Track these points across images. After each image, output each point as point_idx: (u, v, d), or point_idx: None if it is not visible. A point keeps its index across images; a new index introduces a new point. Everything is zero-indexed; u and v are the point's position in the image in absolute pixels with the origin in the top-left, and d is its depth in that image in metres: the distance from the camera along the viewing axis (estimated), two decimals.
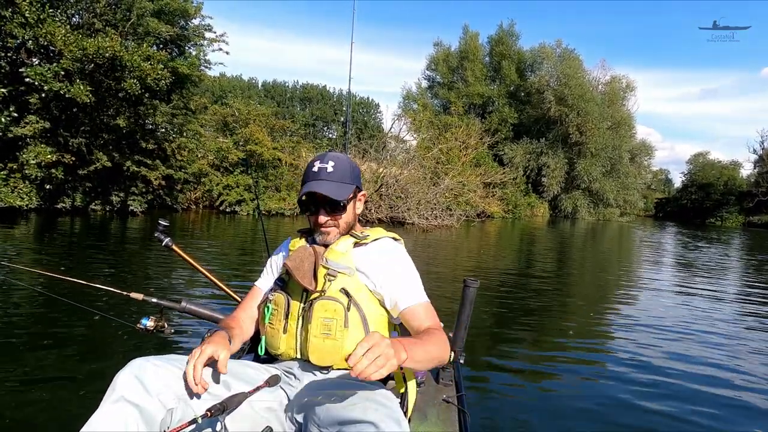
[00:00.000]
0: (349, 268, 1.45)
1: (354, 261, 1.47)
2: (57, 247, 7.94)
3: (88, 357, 3.22)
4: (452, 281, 6.97)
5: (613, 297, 7.06)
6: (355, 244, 1.50)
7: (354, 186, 1.51)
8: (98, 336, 3.60)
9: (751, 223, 40.87)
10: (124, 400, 1.15)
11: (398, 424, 1.14)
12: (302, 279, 1.42)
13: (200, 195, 17.35)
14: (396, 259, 1.51)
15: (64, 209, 12.64)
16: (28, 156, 10.81)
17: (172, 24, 13.59)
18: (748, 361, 4.23)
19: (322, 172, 1.47)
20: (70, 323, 3.79)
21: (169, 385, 1.21)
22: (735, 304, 6.83)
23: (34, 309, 4.08)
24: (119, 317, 2.28)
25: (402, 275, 1.48)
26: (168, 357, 1.29)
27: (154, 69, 11.34)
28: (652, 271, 10.21)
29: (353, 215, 1.54)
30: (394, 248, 1.54)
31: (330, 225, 1.48)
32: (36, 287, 3.72)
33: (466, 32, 39.20)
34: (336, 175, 1.47)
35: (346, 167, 1.50)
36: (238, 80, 61.42)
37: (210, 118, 18.96)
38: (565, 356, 4.06)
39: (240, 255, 8.63)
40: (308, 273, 1.44)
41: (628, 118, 36.45)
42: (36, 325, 3.71)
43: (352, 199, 1.52)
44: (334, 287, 1.43)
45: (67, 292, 3.65)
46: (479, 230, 18.76)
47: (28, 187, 11.16)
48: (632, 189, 37.66)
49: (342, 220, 1.49)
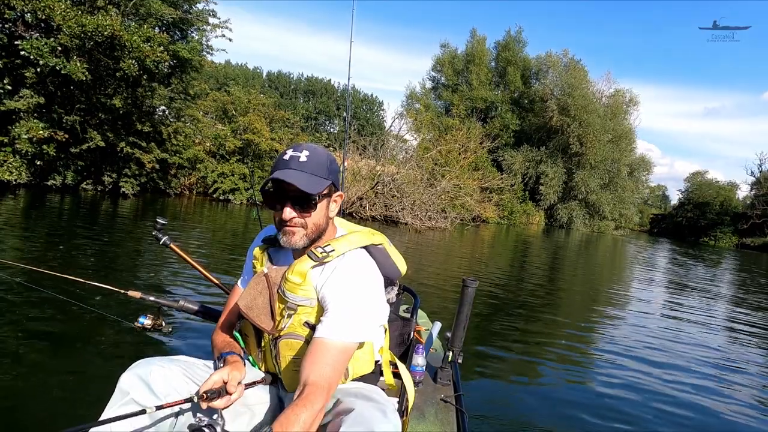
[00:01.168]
0: (310, 298, 1.30)
1: (314, 287, 1.30)
2: (44, 227, 7.78)
3: (86, 356, 3.16)
4: (444, 282, 6.92)
5: (606, 303, 7.24)
6: (314, 266, 1.30)
7: (329, 182, 1.31)
8: (96, 334, 3.52)
9: (744, 244, 41.01)
10: (133, 402, 1.15)
11: (387, 417, 1.14)
12: (257, 320, 1.32)
13: (194, 181, 17.23)
14: (347, 284, 1.29)
15: (55, 186, 12.49)
16: (20, 130, 10.68)
17: (176, 7, 13.44)
18: (734, 370, 4.42)
19: (293, 161, 1.28)
20: (66, 321, 3.69)
21: (176, 387, 1.21)
22: (722, 319, 6.98)
23: (26, 305, 3.94)
24: (116, 315, 2.24)
25: (336, 301, 1.27)
26: (172, 358, 1.29)
27: (153, 51, 11.21)
28: (642, 281, 10.26)
29: (324, 217, 1.33)
30: (354, 269, 1.32)
31: (296, 224, 1.29)
32: (28, 283, 3.59)
33: (474, 36, 39.13)
34: (309, 166, 1.27)
35: (323, 160, 1.31)
36: (243, 68, 61.23)
37: (209, 104, 18.82)
38: (562, 358, 4.15)
39: (233, 245, 8.54)
40: (263, 311, 1.33)
41: (630, 132, 36.46)
42: (31, 322, 3.60)
43: (325, 197, 1.31)
44: (295, 322, 1.31)
45: (58, 287, 3.55)
46: (473, 235, 18.72)
47: (18, 162, 11.03)
48: (629, 203, 37.72)
49: (311, 219, 1.29)
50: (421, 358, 1.95)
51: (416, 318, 1.98)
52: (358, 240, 1.38)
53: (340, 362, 1.23)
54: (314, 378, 1.16)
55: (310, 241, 1.32)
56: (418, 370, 1.94)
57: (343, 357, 1.24)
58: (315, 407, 1.12)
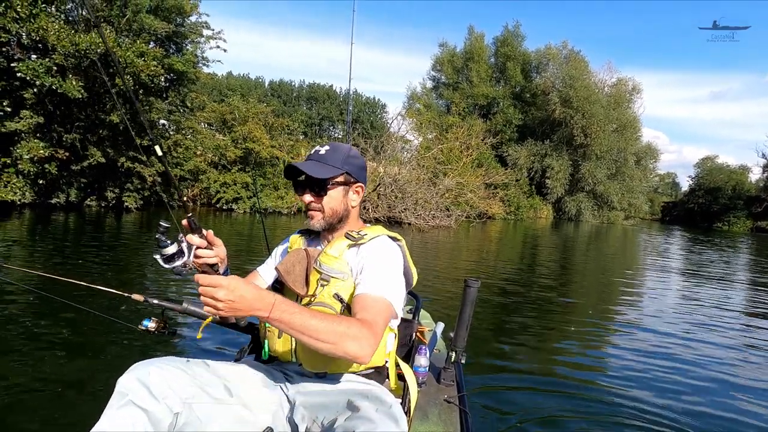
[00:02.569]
0: (343, 272, 1.39)
1: (349, 263, 1.41)
2: (50, 242, 7.89)
3: (89, 359, 3.19)
4: (448, 282, 6.91)
5: (615, 299, 7.03)
6: (350, 245, 1.43)
7: (341, 171, 1.44)
8: (99, 337, 3.56)
9: (759, 228, 40.27)
10: (132, 405, 1.13)
11: (397, 422, 1.15)
12: (293, 284, 1.40)
13: (197, 192, 17.38)
14: (381, 254, 1.41)
15: (59, 204, 12.68)
16: (21, 151, 10.86)
17: (169, 21, 13.59)
18: (751, 362, 4.26)
19: (315, 154, 1.46)
20: (70, 325, 3.74)
21: (174, 389, 1.20)
22: (739, 307, 6.80)
23: (33, 311, 4.03)
24: (120, 318, 2.26)
25: (374, 266, 1.38)
26: (171, 359, 1.28)
27: (147, 65, 11.34)
28: (654, 274, 10.04)
29: (341, 204, 1.46)
30: (387, 246, 1.45)
31: (314, 208, 1.44)
32: (34, 288, 3.66)
33: (472, 33, 39.12)
34: (325, 158, 1.44)
35: (341, 154, 1.46)
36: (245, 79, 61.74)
37: (208, 115, 19.00)
38: (567, 358, 4.06)
39: (237, 252, 8.57)
40: (299, 277, 1.42)
41: (634, 120, 36.09)
42: (36, 327, 3.65)
43: (341, 185, 1.45)
44: (327, 293, 1.38)
45: (65, 293, 3.59)
46: (479, 232, 18.60)
47: (21, 182, 11.22)
48: (637, 192, 37.30)
49: (326, 204, 1.43)
50: (424, 358, 1.95)
51: (418, 319, 2.02)
52: (386, 231, 1.53)
53: (383, 317, 1.28)
54: (362, 316, 1.24)
55: (327, 224, 1.46)
56: (421, 370, 1.93)
57: (386, 312, 1.30)
58: (352, 329, 1.16)
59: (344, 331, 1.14)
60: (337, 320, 1.17)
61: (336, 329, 1.13)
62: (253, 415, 1.32)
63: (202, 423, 1.21)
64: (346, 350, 1.14)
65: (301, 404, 1.34)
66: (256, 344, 1.66)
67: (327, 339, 1.12)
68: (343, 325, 1.15)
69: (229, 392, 1.30)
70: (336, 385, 1.38)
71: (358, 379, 1.40)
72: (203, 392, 1.25)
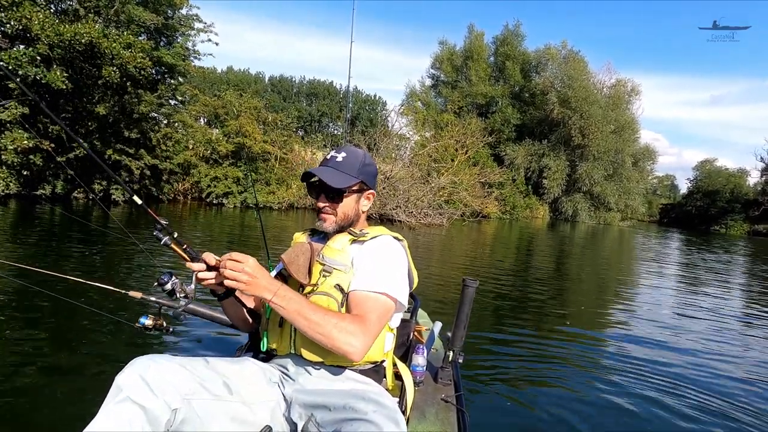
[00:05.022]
0: (345, 264, 1.44)
1: (350, 258, 1.46)
2: (37, 233, 7.80)
3: (86, 356, 3.15)
4: (444, 280, 6.87)
5: (614, 299, 7.07)
6: (352, 241, 1.50)
7: (358, 180, 1.52)
8: (97, 335, 3.52)
9: (756, 231, 40.16)
10: (129, 401, 1.13)
11: (396, 424, 1.17)
12: (296, 273, 1.45)
13: (188, 186, 17.26)
14: (384, 252, 1.48)
15: (45, 196, 12.57)
16: (5, 142, 10.75)
17: (158, 13, 13.45)
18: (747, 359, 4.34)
19: (331, 160, 1.53)
20: (67, 322, 3.69)
21: (174, 385, 1.20)
22: (735, 307, 6.90)
23: (28, 307, 3.95)
24: (117, 316, 2.20)
25: (375, 263, 1.44)
26: (170, 356, 1.29)
27: (134, 57, 11.21)
28: (649, 276, 10.04)
29: (354, 210, 1.54)
30: (390, 244, 1.51)
31: (328, 212, 1.51)
32: (29, 284, 3.57)
33: (472, 32, 38.92)
34: (342, 166, 1.51)
35: (356, 162, 1.53)
36: (245, 74, 61.60)
37: (201, 109, 18.86)
38: (564, 357, 4.07)
39: (230, 249, 8.45)
40: (303, 267, 1.47)
41: (633, 122, 35.94)
42: (32, 323, 3.60)
43: (355, 193, 1.52)
44: (328, 283, 1.43)
45: (61, 289, 3.60)
46: (473, 231, 18.49)
47: (5, 173, 11.12)
48: (634, 193, 37.16)
49: (340, 209, 1.50)
50: (421, 358, 1.96)
51: (416, 319, 2.04)
52: (389, 232, 1.59)
53: (378, 313, 1.35)
54: (357, 312, 1.33)
55: (339, 228, 1.53)
56: (419, 369, 1.95)
57: (383, 309, 1.37)
58: (344, 322, 1.26)
59: (337, 322, 1.25)
60: (332, 313, 1.29)
61: (330, 320, 1.24)
62: (252, 413, 1.33)
63: (200, 419, 1.21)
64: (337, 342, 1.24)
65: (298, 403, 1.36)
66: (254, 343, 1.70)
67: (321, 329, 1.24)
68: (336, 317, 1.26)
69: (228, 389, 1.30)
70: (334, 383, 1.39)
71: (355, 377, 1.42)
72: (202, 388, 1.25)
